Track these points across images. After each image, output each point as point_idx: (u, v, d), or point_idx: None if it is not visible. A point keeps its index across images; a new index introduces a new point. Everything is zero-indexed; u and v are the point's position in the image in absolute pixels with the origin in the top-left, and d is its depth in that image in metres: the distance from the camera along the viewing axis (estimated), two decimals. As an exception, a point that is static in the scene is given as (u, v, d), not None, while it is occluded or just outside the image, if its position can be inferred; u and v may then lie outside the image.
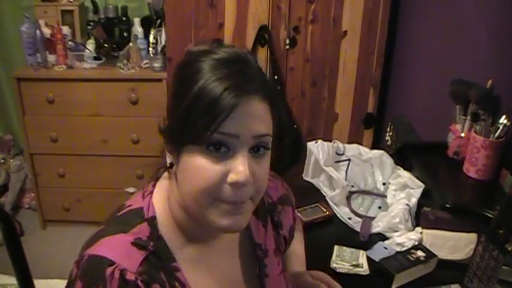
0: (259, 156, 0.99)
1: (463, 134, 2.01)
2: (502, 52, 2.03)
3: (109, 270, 0.95)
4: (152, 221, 1.05)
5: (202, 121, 0.92)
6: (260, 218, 1.26)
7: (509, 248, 1.53)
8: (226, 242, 1.16)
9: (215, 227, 1.00)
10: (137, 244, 1.00)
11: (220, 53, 0.98)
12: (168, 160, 1.06)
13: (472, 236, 1.65)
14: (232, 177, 0.95)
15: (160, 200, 1.08)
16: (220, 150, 0.95)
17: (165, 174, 1.11)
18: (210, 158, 0.95)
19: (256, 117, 0.96)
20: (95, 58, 3.42)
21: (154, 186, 1.11)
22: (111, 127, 3.35)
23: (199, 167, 0.95)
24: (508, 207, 1.68)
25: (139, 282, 0.96)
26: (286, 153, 2.86)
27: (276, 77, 3.07)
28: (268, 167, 1.03)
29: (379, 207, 1.96)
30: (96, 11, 3.67)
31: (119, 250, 0.99)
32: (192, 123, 0.94)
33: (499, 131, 1.84)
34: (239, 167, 0.94)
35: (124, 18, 3.67)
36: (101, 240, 1.00)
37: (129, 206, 1.08)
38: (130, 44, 3.46)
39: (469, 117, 1.99)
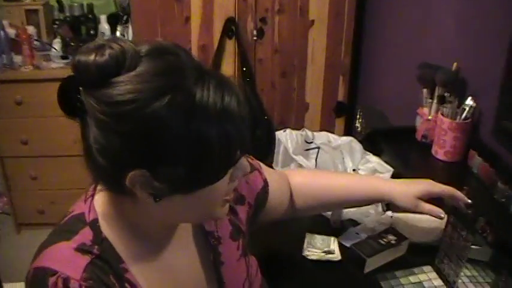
0: None
1: (430, 117, 2.02)
2: (467, 35, 2.04)
3: (52, 280, 0.92)
4: (94, 224, 1.01)
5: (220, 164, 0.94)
6: None
7: (478, 228, 1.54)
8: (177, 234, 1.13)
9: (216, 219, 1.09)
10: (81, 250, 0.97)
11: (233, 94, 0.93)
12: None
13: (442, 217, 1.66)
14: (243, 173, 1.04)
15: (103, 201, 1.04)
16: None
17: None
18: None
19: None
20: (62, 57, 3.37)
21: (95, 189, 1.06)
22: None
23: (214, 193, 0.98)
24: (474, 187, 1.70)
25: None
26: (258, 144, 2.86)
27: (244, 69, 3.06)
28: None
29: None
30: (61, 9, 3.63)
31: (61, 258, 0.96)
32: (209, 169, 0.93)
33: (465, 112, 1.85)
34: (245, 163, 1.03)
35: (90, 16, 3.63)
36: (44, 251, 0.97)
37: (71, 212, 1.05)
38: (98, 42, 3.41)
39: (435, 100, 2.00)
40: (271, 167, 1.50)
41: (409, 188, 1.45)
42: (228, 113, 0.89)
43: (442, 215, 1.41)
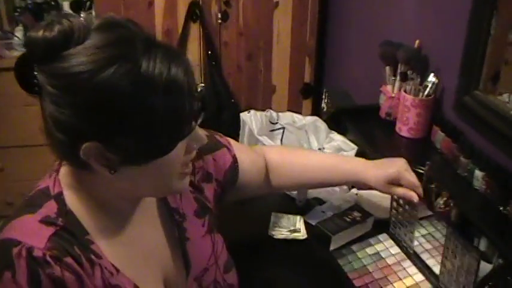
0: None
1: (393, 95, 2.03)
2: (428, 13, 2.06)
3: (15, 250, 0.92)
4: (59, 197, 1.01)
5: (170, 132, 0.94)
6: None
7: (441, 202, 1.56)
8: (142, 209, 1.13)
9: (176, 193, 1.08)
10: (45, 222, 0.97)
11: (178, 61, 0.94)
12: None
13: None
14: (197, 145, 1.04)
15: (67, 175, 1.05)
16: None
17: None
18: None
19: None
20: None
21: (60, 164, 1.07)
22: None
23: (168, 164, 0.99)
24: (438, 162, 1.72)
25: (48, 258, 0.93)
26: (226, 127, 2.85)
27: (210, 53, 3.05)
28: None
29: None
30: (23, -4, 3.56)
31: (25, 230, 0.96)
32: (161, 135, 0.94)
33: (428, 89, 1.87)
34: (199, 133, 1.02)
35: (53, 3, 3.56)
36: (8, 225, 0.98)
37: (37, 187, 1.06)
38: (61, 29, 3.36)
39: (398, 78, 2.01)
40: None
41: (380, 172, 1.46)
42: (175, 83, 0.90)
43: (415, 199, 1.41)
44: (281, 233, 1.59)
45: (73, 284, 0.95)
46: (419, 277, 1.46)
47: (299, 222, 1.64)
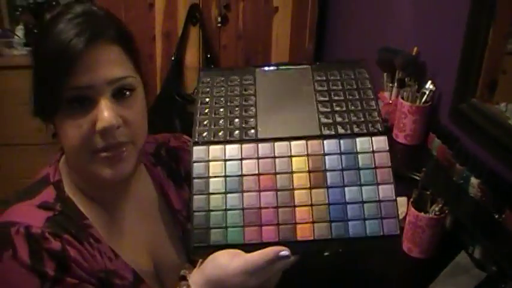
0: (125, 99, 1.00)
1: (390, 101, 2.04)
2: (426, 20, 2.07)
3: (13, 229, 0.94)
4: (58, 184, 1.05)
5: (51, 81, 0.95)
6: (177, 182, 1.26)
7: (436, 209, 1.57)
8: (139, 205, 1.16)
9: (100, 179, 1.01)
10: (43, 206, 1.00)
11: (69, 11, 0.98)
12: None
13: (403, 199, 1.69)
14: (98, 126, 0.96)
15: (65, 165, 1.09)
16: (83, 104, 0.97)
17: None
18: (75, 115, 0.97)
19: (106, 62, 0.97)
20: (25, 44, 3.32)
21: (62, 155, 1.11)
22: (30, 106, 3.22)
23: (68, 127, 0.97)
24: (433, 169, 1.72)
25: (46, 234, 0.95)
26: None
27: (209, 56, 3.06)
28: (141, 108, 1.04)
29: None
30: (24, -5, 3.57)
31: (24, 213, 0.98)
32: (45, 85, 0.96)
33: (425, 96, 1.88)
34: (103, 114, 0.96)
35: (54, 3, 3.56)
36: (7, 210, 1.00)
37: (38, 176, 1.09)
38: (61, 29, 3.37)
39: (396, 84, 2.03)
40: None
41: None
42: (55, 28, 0.95)
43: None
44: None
45: (76, 258, 0.97)
46: None
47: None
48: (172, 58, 3.06)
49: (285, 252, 0.86)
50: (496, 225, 1.46)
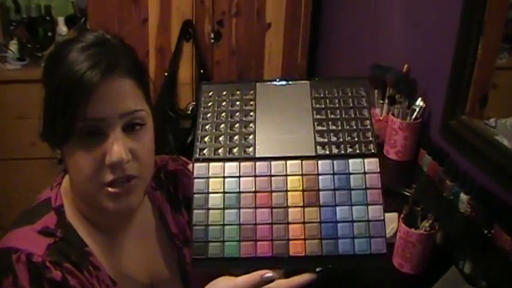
0: (135, 132, 1.00)
1: (381, 118, 2.06)
2: (416, 38, 2.10)
3: (15, 256, 0.95)
4: (59, 209, 1.05)
5: (63, 111, 0.94)
6: (174, 206, 1.27)
7: (427, 224, 1.59)
8: (139, 230, 1.16)
9: (107, 211, 1.00)
10: (44, 232, 1.00)
11: (82, 39, 0.98)
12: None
13: (394, 215, 1.70)
14: (108, 160, 0.96)
15: (67, 190, 1.09)
16: (93, 137, 0.96)
17: None
18: (85, 147, 0.96)
19: (119, 95, 0.97)
20: (19, 59, 3.32)
21: (63, 177, 1.11)
22: (39, 129, 3.22)
23: (78, 158, 0.97)
24: (424, 185, 1.74)
25: (47, 263, 0.95)
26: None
27: (202, 71, 3.07)
28: (150, 142, 1.04)
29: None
30: (18, 10, 3.55)
31: (24, 239, 0.99)
32: (56, 114, 0.95)
33: (415, 113, 1.90)
34: (113, 148, 0.96)
35: (48, 18, 3.58)
36: (7, 234, 1.00)
37: (38, 199, 1.09)
38: (55, 44, 3.37)
39: (386, 101, 2.05)
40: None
41: None
42: (68, 57, 0.95)
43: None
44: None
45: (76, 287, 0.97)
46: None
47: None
48: (166, 74, 3.07)
49: (269, 274, 0.89)
50: (485, 240, 1.48)
